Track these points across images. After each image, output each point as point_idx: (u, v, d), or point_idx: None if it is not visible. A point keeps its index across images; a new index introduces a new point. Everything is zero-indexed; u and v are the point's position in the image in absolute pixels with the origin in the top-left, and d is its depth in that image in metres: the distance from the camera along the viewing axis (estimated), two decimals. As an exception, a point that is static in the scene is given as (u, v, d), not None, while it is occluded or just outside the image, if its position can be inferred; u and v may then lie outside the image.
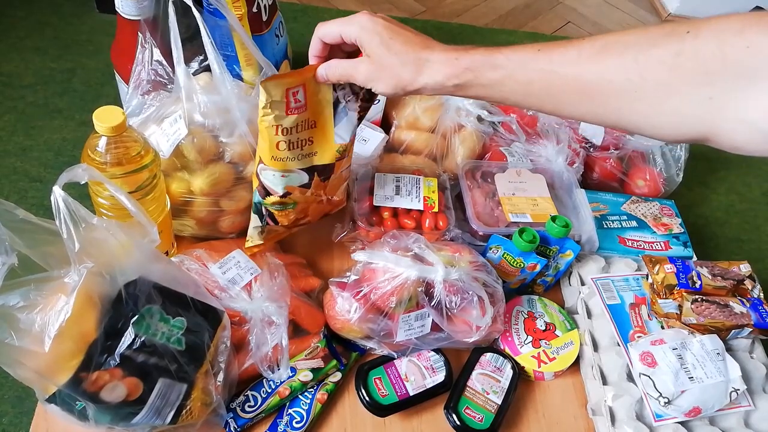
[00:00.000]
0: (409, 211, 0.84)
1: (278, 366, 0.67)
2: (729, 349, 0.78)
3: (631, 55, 0.48)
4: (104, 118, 0.59)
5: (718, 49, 0.44)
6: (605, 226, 0.92)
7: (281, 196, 0.70)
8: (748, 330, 0.76)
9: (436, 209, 0.84)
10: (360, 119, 0.69)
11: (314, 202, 0.75)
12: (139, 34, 0.77)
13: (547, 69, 0.52)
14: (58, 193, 0.51)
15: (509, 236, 0.78)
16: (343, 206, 0.83)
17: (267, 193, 0.70)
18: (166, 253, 0.76)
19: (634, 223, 0.94)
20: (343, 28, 0.58)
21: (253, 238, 0.76)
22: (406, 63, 0.56)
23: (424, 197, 0.85)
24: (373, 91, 0.60)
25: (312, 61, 0.62)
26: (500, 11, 1.49)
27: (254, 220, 0.75)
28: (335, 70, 0.60)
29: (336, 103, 0.66)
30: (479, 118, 0.96)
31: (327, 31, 0.59)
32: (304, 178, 0.69)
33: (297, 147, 0.66)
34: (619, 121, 0.52)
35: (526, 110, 1.01)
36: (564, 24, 1.51)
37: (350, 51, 0.62)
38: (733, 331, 0.76)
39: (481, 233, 0.83)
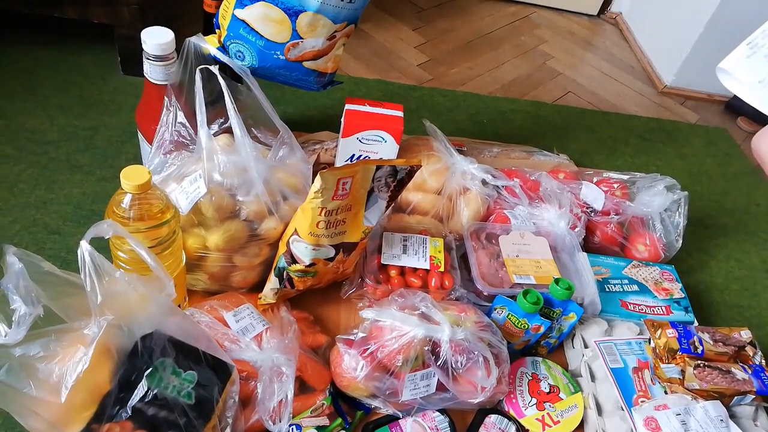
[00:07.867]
0: (415, 269, 0.86)
1: (280, 418, 0.67)
2: (732, 416, 0.78)
3: None
4: (131, 176, 0.62)
5: None
6: (607, 290, 0.94)
7: (307, 266, 0.75)
8: (750, 397, 0.77)
9: (442, 269, 0.86)
10: (387, 207, 0.77)
11: (331, 272, 0.80)
12: (165, 98, 0.82)
13: None
14: (84, 248, 0.53)
15: (514, 297, 0.80)
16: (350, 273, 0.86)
17: (294, 261, 0.75)
18: (179, 306, 0.77)
19: (635, 287, 0.95)
20: None
21: (267, 297, 0.79)
22: None
23: (430, 257, 0.87)
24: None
25: None
26: (503, 81, 1.56)
27: (273, 282, 0.78)
28: None
29: (370, 192, 0.74)
30: (484, 182, 0.99)
31: None
32: (331, 252, 0.75)
33: (332, 227, 0.73)
34: None
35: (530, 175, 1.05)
36: (564, 93, 1.57)
37: None
38: (736, 397, 0.77)
39: (486, 293, 0.85)
